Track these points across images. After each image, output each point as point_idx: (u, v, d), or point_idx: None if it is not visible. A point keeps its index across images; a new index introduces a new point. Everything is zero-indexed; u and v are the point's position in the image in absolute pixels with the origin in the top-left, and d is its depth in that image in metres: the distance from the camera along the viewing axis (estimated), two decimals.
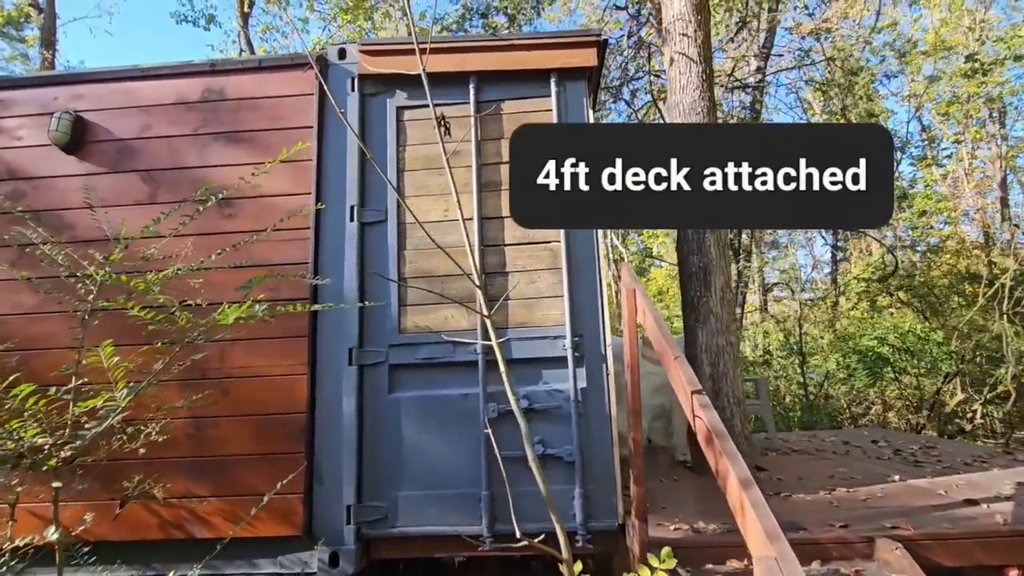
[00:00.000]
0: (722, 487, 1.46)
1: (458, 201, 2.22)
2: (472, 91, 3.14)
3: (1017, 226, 13.16)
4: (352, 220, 3.05)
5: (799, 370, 7.54)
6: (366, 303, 2.92)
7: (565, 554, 1.91)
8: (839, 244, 18.43)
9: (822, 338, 8.53)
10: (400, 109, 3.19)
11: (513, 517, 2.04)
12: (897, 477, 3.24)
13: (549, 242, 3.06)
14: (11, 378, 1.63)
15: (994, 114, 14.05)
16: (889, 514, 2.55)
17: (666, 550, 1.67)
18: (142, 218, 2.87)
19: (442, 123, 2.32)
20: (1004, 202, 13.66)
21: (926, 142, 16.32)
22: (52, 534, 1.55)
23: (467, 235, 2.33)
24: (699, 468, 3.76)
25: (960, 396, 7.63)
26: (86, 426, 1.66)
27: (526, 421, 2.05)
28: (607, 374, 2.88)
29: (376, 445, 2.87)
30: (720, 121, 10.61)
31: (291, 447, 2.81)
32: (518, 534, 1.89)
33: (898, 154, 18.17)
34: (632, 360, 2.46)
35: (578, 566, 1.87)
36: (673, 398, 4.52)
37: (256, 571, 2.77)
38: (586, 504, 2.72)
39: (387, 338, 2.98)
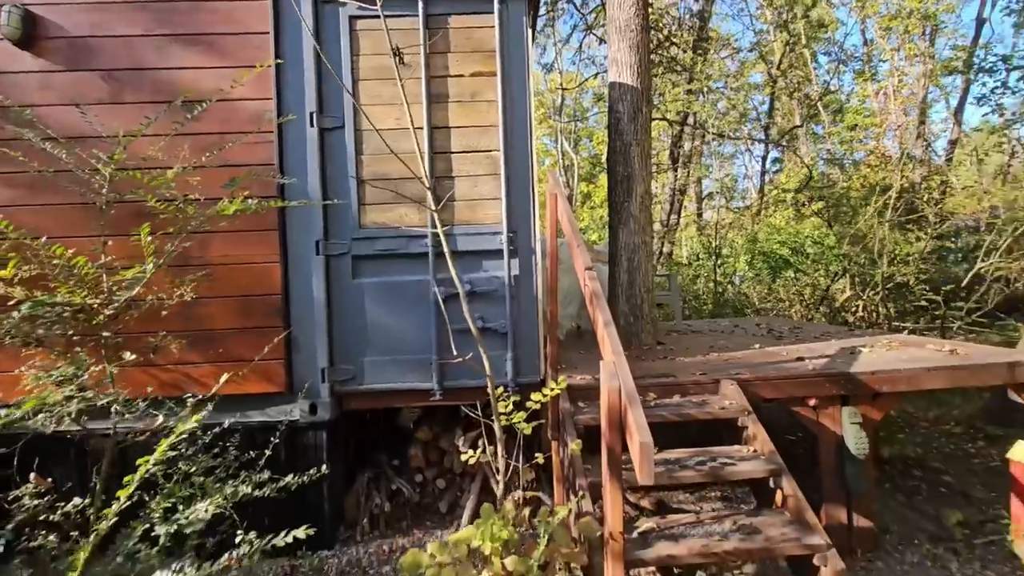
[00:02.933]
0: (594, 327, 2.15)
1: (410, 114, 2.64)
2: (421, 4, 3.39)
3: (928, 142, 14.37)
4: (312, 126, 3.39)
5: (714, 269, 8.54)
6: (334, 201, 3.36)
7: (494, 403, 2.60)
8: (777, 157, 19.42)
9: (735, 242, 9.54)
10: (353, 19, 3.42)
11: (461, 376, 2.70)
12: (757, 346, 4.17)
13: (490, 151, 3.52)
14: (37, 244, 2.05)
15: (927, 32, 14.68)
16: (739, 367, 3.43)
17: (562, 379, 2.39)
18: (107, 118, 3.13)
19: (397, 54, 2.64)
20: (921, 119, 14.75)
21: (865, 56, 16.91)
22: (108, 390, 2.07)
23: (418, 143, 2.77)
24: None
25: (848, 293, 8.91)
26: (117, 293, 2.14)
27: (468, 301, 2.67)
28: (536, 264, 3.51)
29: (343, 320, 3.46)
30: (667, 30, 10.72)
31: (270, 322, 3.36)
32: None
33: (841, 67, 18.75)
34: (552, 251, 3.08)
35: (512, 408, 2.58)
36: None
37: (247, 420, 3.41)
38: (516, 364, 3.46)
39: (349, 232, 3.46)
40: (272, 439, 3.02)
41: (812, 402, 3.17)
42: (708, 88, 10.89)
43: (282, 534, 2.06)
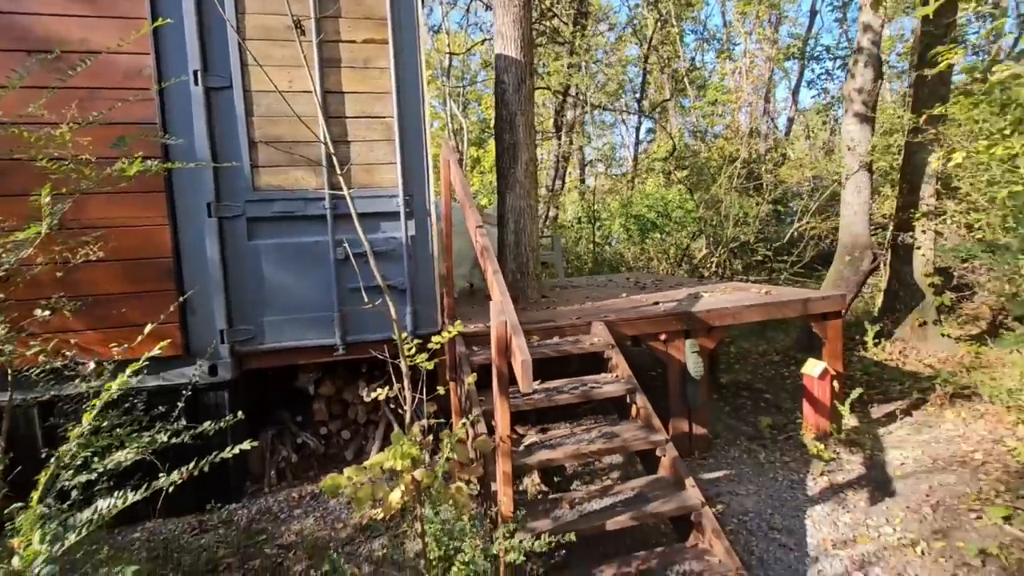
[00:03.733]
0: (484, 275, 2.53)
1: (311, 76, 2.77)
2: None
3: (772, 119, 16.53)
4: (197, 84, 3.32)
5: (592, 231, 9.38)
6: (225, 163, 3.35)
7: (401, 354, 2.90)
8: (650, 128, 21.00)
9: (611, 206, 10.49)
10: None
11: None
12: (624, 295, 4.88)
13: (385, 117, 3.70)
14: None
15: (772, 19, 16.67)
16: (607, 312, 4.04)
17: (458, 323, 2.76)
18: None
19: (298, 26, 2.71)
20: (767, 98, 16.88)
21: (725, 37, 18.76)
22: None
23: (319, 106, 2.90)
24: None
25: (704, 251, 10.23)
26: (3, 256, 2.11)
27: (368, 260, 2.90)
28: (431, 225, 3.80)
29: (242, 282, 3.51)
30: (550, 0, 11.13)
31: (162, 285, 3.33)
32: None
33: (705, 46, 20.59)
34: (446, 213, 3.40)
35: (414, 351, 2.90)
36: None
37: (142, 385, 3.38)
38: (415, 318, 3.77)
39: (243, 195, 3.48)
40: (177, 402, 3.08)
41: (663, 337, 3.88)
42: (588, 61, 11.54)
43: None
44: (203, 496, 3.41)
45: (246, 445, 2.08)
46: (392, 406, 4.06)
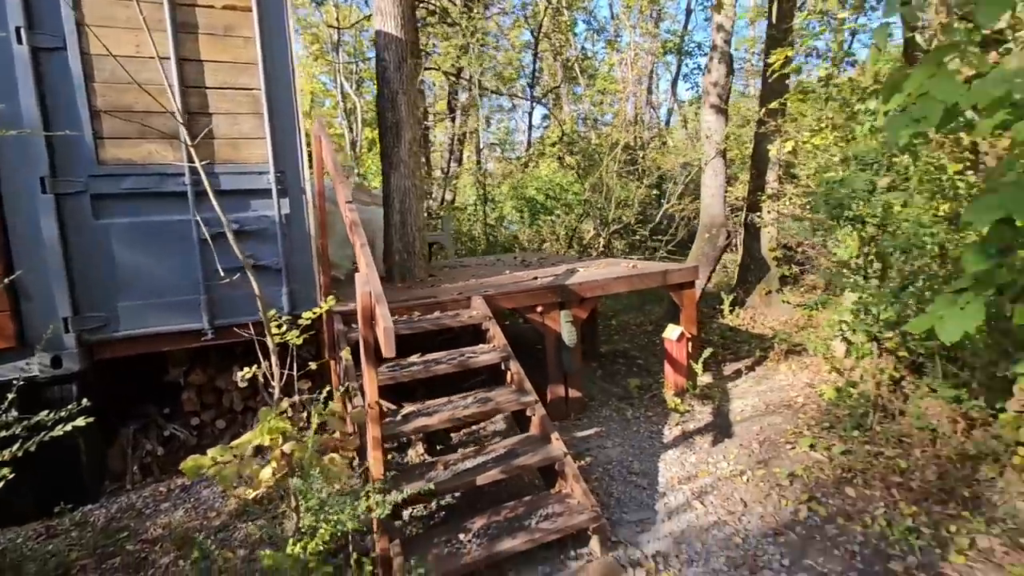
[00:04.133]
0: (354, 249, 2.57)
1: (150, 36, 2.58)
2: None
3: (655, 108, 17.74)
4: (21, 43, 2.96)
5: (484, 213, 9.59)
6: (61, 132, 3.03)
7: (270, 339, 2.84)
8: (546, 114, 21.55)
9: (499, 188, 10.76)
10: None
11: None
12: (507, 272, 5.10)
13: (251, 89, 3.53)
14: None
15: (653, 14, 17.78)
16: (489, 287, 4.22)
17: (330, 298, 2.77)
18: None
19: None
20: (650, 89, 18.06)
21: (613, 29, 19.68)
22: None
23: (164, 73, 2.72)
24: (388, 278, 5.06)
25: (592, 233, 10.82)
26: None
27: (238, 240, 2.79)
28: (307, 202, 3.71)
29: (89, 265, 3.22)
30: None
31: None
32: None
33: (595, 36, 21.43)
34: (320, 190, 3.35)
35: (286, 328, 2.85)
36: (376, 230, 5.66)
37: None
38: (292, 298, 3.69)
39: (86, 169, 3.18)
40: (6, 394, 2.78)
41: (539, 309, 4.13)
42: (479, 44, 11.59)
43: None
44: (47, 499, 3.12)
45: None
46: (270, 390, 3.96)
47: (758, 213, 6.94)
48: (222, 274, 2.87)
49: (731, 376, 5.26)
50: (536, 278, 4.57)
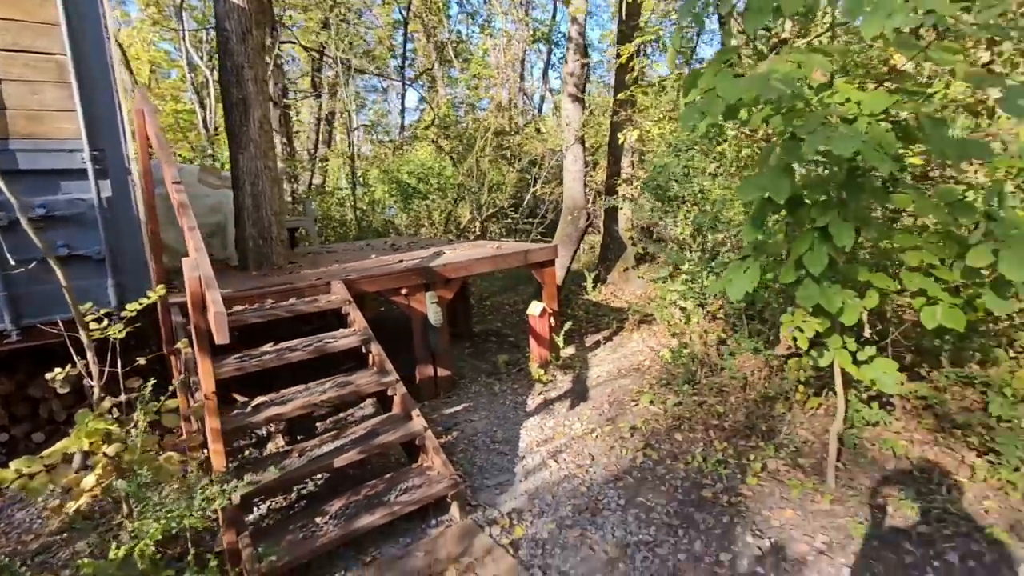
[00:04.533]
0: (184, 232, 2.40)
1: None
2: None
3: (526, 94, 18.28)
4: None
5: (354, 197, 9.29)
6: None
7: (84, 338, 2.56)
8: (423, 96, 21.17)
9: (367, 171, 10.49)
10: None
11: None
12: (374, 256, 5.04)
13: (53, 54, 3.09)
14: None
15: (523, 1, 18.21)
16: (353, 272, 4.14)
17: (160, 287, 2.56)
18: None
19: None
20: (522, 76, 18.54)
21: (487, 13, 19.77)
22: None
23: None
24: (243, 267, 4.74)
25: (468, 216, 10.95)
26: None
27: (47, 227, 2.46)
28: (133, 184, 3.35)
29: None
30: None
31: None
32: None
33: (470, 19, 21.36)
34: (144, 169, 3.05)
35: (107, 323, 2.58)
36: (227, 215, 5.25)
37: None
38: (120, 291, 3.33)
39: None
40: None
41: (404, 291, 4.16)
42: (340, 19, 11.03)
43: None
44: None
45: None
46: (103, 394, 3.55)
47: (615, 196, 7.51)
48: (12, 263, 2.51)
49: (591, 347, 5.71)
50: (401, 261, 4.57)
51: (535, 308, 4.94)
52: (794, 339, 2.58)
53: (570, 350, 5.46)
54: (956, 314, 2.31)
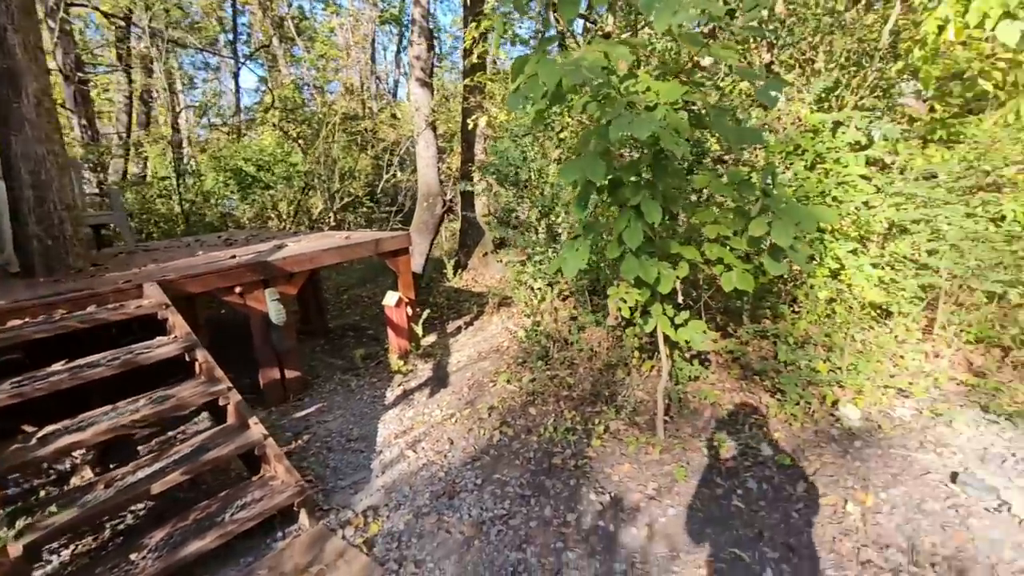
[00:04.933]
0: None
1: None
2: None
3: (379, 78, 17.59)
4: None
5: (178, 188, 8.23)
6: None
7: None
8: (263, 76, 19.32)
9: (194, 158, 9.41)
10: None
11: None
12: (202, 252, 4.51)
13: None
14: None
15: None
16: (173, 271, 3.66)
17: None
18: None
19: None
20: (373, 58, 17.77)
21: None
22: None
23: None
24: (27, 272, 3.95)
25: (321, 206, 10.29)
26: None
27: None
28: None
29: None
30: None
31: None
32: None
33: None
34: None
35: None
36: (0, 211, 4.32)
37: None
38: None
39: None
40: None
41: (238, 289, 3.78)
42: None
43: None
44: None
45: None
46: None
47: (470, 182, 7.57)
48: None
49: (453, 333, 5.73)
50: (235, 257, 4.14)
51: (391, 298, 4.81)
52: (619, 309, 2.82)
53: (431, 338, 5.43)
54: (747, 278, 2.69)
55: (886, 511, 2.46)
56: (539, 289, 5.02)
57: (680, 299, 3.18)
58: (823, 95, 4.12)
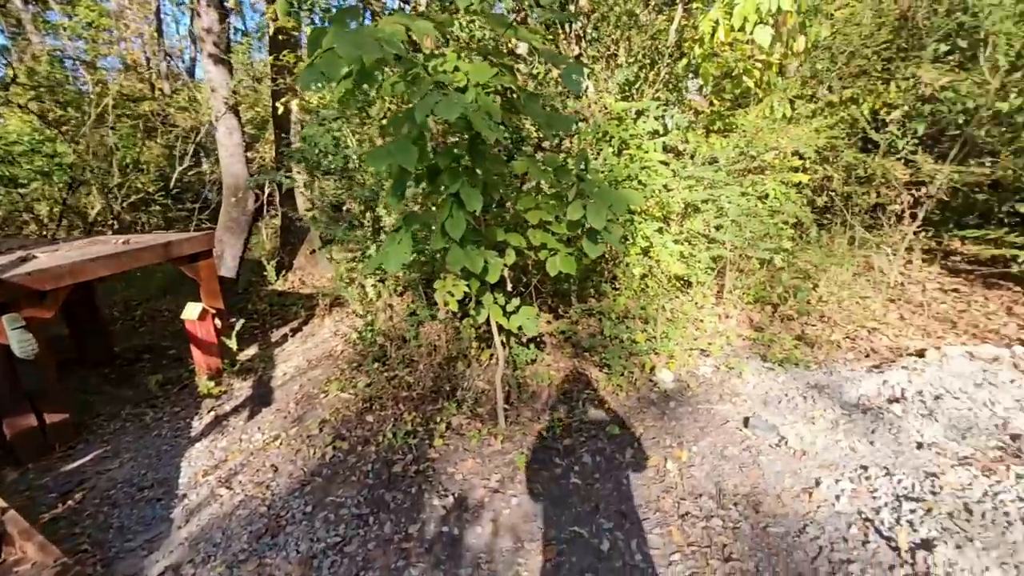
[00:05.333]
0: None
1: None
2: None
3: (168, 55, 15.12)
4: None
5: None
6: None
7: None
8: (4, 45, 15.31)
9: None
10: None
11: None
12: None
13: None
14: None
15: None
16: None
17: None
18: None
19: None
20: (160, 31, 15.18)
21: None
22: None
23: None
24: None
25: (99, 206, 8.50)
26: None
27: None
28: None
29: None
30: None
31: None
32: None
33: None
34: None
35: None
36: None
37: None
38: None
39: None
40: None
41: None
42: None
43: None
44: None
45: None
46: None
47: (287, 172, 6.85)
48: None
49: (278, 342, 5.14)
50: None
51: (192, 311, 4.11)
52: (446, 303, 2.71)
53: (251, 351, 4.79)
54: (570, 261, 2.76)
55: (697, 463, 2.74)
56: (373, 286, 4.72)
57: (510, 286, 3.18)
58: (625, 87, 4.45)
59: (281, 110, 5.61)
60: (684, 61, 4.33)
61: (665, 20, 5.04)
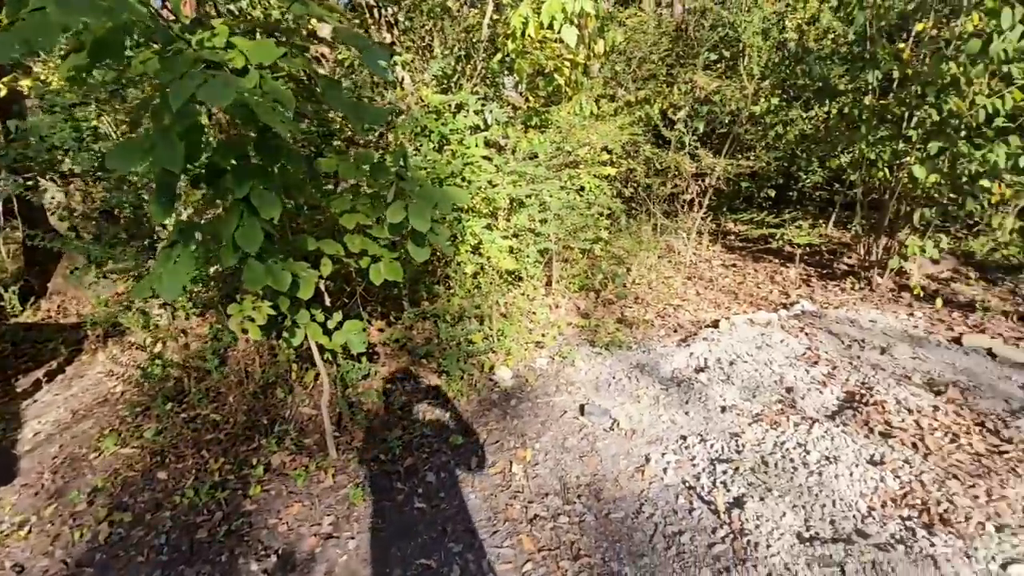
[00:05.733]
0: None
1: None
2: None
3: None
4: None
5: None
6: None
7: None
8: None
9: None
10: None
11: None
12: None
13: None
14: None
15: None
16: None
17: None
18: None
19: None
20: None
21: None
22: None
23: None
24: None
25: None
26: None
27: None
28: None
29: None
30: None
31: None
32: None
33: None
34: None
35: None
36: None
37: None
38: None
39: None
40: None
41: None
42: None
43: None
44: None
45: None
46: None
47: (28, 176, 5.36)
48: None
49: (29, 391, 3.99)
50: None
51: None
52: (245, 331, 2.28)
53: None
54: (396, 267, 2.52)
55: (541, 460, 2.74)
56: (161, 308, 3.91)
57: (329, 300, 2.82)
58: (442, 79, 4.30)
59: (3, 91, 4.32)
60: (499, 56, 4.32)
61: (478, 14, 5.01)
